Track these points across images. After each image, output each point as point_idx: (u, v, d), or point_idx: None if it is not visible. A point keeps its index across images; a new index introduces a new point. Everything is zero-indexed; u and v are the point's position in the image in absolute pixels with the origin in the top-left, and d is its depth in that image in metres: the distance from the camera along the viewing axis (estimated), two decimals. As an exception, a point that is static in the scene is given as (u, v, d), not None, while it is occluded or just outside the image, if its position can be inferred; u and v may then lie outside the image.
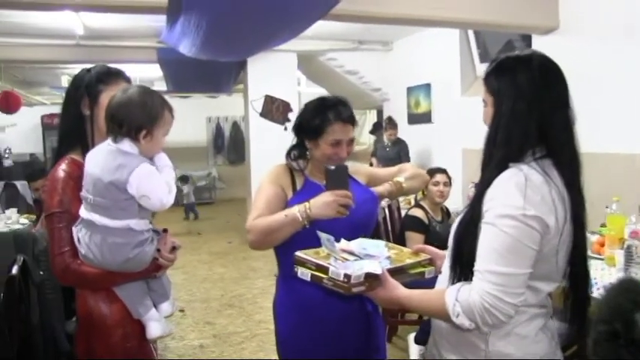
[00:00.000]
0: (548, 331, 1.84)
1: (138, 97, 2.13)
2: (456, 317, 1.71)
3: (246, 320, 6.12)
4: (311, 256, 2.06)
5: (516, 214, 1.65)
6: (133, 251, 2.14)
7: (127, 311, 2.24)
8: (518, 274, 1.66)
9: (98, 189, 2.09)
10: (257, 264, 8.45)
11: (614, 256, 3.58)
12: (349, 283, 1.85)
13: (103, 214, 2.10)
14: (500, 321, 1.66)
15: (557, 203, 1.70)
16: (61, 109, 2.41)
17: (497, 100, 1.80)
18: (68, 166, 2.22)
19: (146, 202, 2.12)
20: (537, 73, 1.77)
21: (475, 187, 1.88)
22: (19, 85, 11.87)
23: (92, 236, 2.11)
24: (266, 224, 2.36)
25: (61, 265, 2.14)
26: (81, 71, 2.40)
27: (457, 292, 1.72)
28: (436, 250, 2.19)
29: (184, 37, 5.95)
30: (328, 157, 2.45)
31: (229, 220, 12.81)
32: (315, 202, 2.28)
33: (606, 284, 3.25)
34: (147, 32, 8.24)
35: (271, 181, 2.53)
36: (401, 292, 1.90)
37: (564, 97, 1.79)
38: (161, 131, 2.17)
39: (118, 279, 2.20)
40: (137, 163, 2.10)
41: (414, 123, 9.24)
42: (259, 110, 9.27)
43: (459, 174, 6.06)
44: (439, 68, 8.42)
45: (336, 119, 2.44)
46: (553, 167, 1.75)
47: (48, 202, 2.17)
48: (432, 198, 4.94)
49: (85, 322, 2.22)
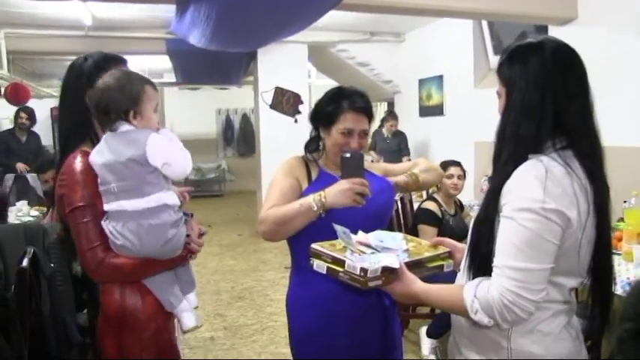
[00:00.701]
0: (572, 329, 1.78)
1: (114, 82, 2.10)
2: (475, 314, 1.67)
3: (257, 312, 6.10)
4: (327, 248, 2.02)
5: (536, 207, 1.59)
6: (170, 231, 2.11)
7: (158, 305, 2.21)
8: (538, 269, 1.61)
9: (118, 173, 2.05)
10: (267, 256, 8.44)
11: (632, 251, 3.54)
12: (365, 277, 1.81)
13: (131, 196, 2.06)
14: (520, 318, 1.62)
15: (579, 196, 1.64)
16: (61, 101, 2.37)
17: (509, 90, 1.75)
18: (84, 158, 2.15)
19: (168, 170, 2.09)
20: (550, 59, 1.70)
21: (489, 181, 1.83)
22: (29, 77, 11.86)
23: (126, 225, 2.07)
24: (280, 214, 2.31)
25: (94, 261, 2.09)
26: (77, 60, 2.35)
27: (476, 289, 1.68)
28: (455, 242, 2.15)
29: (194, 28, 5.93)
30: (340, 147, 2.42)
31: (239, 213, 12.81)
32: (331, 190, 2.23)
33: (623, 280, 3.22)
34: (156, 23, 8.23)
35: (286, 172, 2.49)
36: (419, 287, 1.86)
37: (582, 83, 1.73)
38: (148, 107, 2.14)
39: (155, 268, 2.17)
40: (147, 134, 2.08)
41: (425, 115, 9.19)
42: (269, 102, 9.25)
43: (471, 167, 6.01)
44: (452, 60, 8.37)
45: (349, 107, 2.41)
46: (574, 158, 1.69)
47: (70, 196, 2.11)
48: (446, 191, 4.89)
49: (115, 317, 2.18)
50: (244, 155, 16.91)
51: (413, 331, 5.12)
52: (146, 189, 2.07)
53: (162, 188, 2.11)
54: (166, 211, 2.12)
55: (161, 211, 2.10)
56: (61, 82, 8.39)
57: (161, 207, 2.10)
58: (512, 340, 1.72)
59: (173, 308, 2.24)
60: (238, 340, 5.33)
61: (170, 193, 2.15)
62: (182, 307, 2.27)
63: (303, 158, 2.57)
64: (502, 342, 1.73)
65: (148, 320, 2.18)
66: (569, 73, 1.71)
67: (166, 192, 2.13)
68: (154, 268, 2.17)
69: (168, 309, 2.23)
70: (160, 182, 2.11)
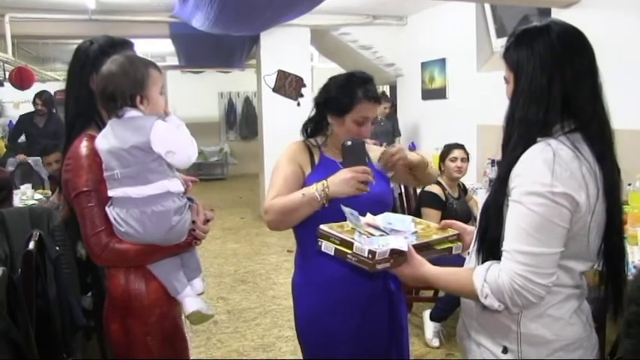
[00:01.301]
0: (582, 314, 1.78)
1: (118, 67, 2.10)
2: (485, 298, 1.67)
3: (260, 296, 6.12)
4: (335, 230, 2.01)
5: (543, 191, 1.59)
6: (174, 218, 2.12)
7: (163, 290, 2.23)
8: (548, 253, 1.61)
9: (122, 159, 2.06)
10: (270, 240, 8.44)
11: (637, 234, 3.54)
12: (374, 260, 1.81)
13: (135, 183, 2.07)
14: (530, 302, 1.62)
15: (587, 179, 1.63)
16: (68, 85, 2.37)
17: (517, 74, 1.74)
18: (90, 143, 2.16)
19: (173, 158, 2.10)
20: (557, 41, 1.69)
21: (496, 165, 1.83)
22: (33, 61, 11.84)
23: (129, 211, 2.08)
24: (284, 204, 2.32)
25: (98, 245, 2.10)
26: (83, 44, 2.34)
27: (486, 273, 1.68)
28: (464, 225, 2.15)
29: (198, 11, 5.93)
30: (352, 135, 2.42)
31: (242, 196, 12.80)
32: (333, 180, 2.24)
33: (629, 263, 3.22)
34: (159, 7, 8.20)
35: (288, 159, 2.49)
36: (427, 270, 1.86)
37: (590, 65, 1.72)
38: (154, 91, 2.14)
39: (159, 254, 2.18)
40: (152, 121, 2.07)
41: (428, 99, 9.16)
42: (272, 85, 9.24)
43: (473, 150, 5.99)
44: (454, 43, 8.32)
45: (365, 97, 2.41)
46: (583, 141, 1.69)
47: (75, 181, 2.12)
48: (450, 174, 4.89)
49: (120, 302, 2.20)
50: (247, 138, 16.89)
51: (416, 314, 5.13)
52: (149, 176, 2.08)
53: (167, 176, 2.12)
54: (170, 198, 2.12)
55: (164, 199, 2.10)
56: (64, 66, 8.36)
57: (164, 194, 2.11)
58: (522, 324, 1.72)
59: (177, 294, 2.25)
60: (242, 324, 5.36)
61: (175, 181, 2.15)
62: (185, 292, 2.27)
63: (305, 143, 2.57)
64: (512, 326, 1.74)
65: (153, 305, 2.20)
66: (576, 56, 1.70)
67: (170, 180, 2.13)
68: (158, 254, 2.18)
69: (172, 294, 2.25)
70: (163, 170, 2.11)
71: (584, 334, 1.76)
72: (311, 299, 2.50)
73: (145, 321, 2.19)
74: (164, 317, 2.24)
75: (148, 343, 2.20)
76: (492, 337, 1.80)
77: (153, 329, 2.20)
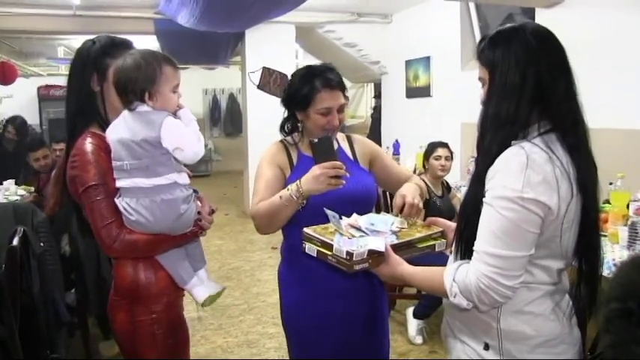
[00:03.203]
0: (560, 310, 1.79)
1: (132, 61, 2.14)
2: (454, 297, 1.72)
3: (244, 293, 6.13)
4: (318, 232, 2.08)
5: (513, 196, 1.62)
6: (182, 206, 2.18)
7: (170, 280, 2.28)
8: (515, 256, 1.64)
9: (132, 151, 2.10)
10: (255, 237, 8.43)
11: (618, 232, 3.58)
12: (351, 261, 1.87)
13: (144, 175, 2.12)
14: (497, 301, 1.66)
15: (560, 181, 1.65)
16: (69, 84, 2.37)
17: (492, 73, 1.75)
18: (94, 139, 2.21)
19: (180, 154, 2.15)
20: (532, 39, 1.71)
21: (474, 164, 1.85)
22: (16, 56, 11.77)
23: (139, 200, 2.13)
24: (266, 209, 2.36)
25: (110, 237, 2.14)
26: (85, 44, 2.37)
27: (455, 272, 1.73)
28: (448, 222, 2.19)
29: (183, 8, 5.92)
30: (321, 127, 2.44)
31: (226, 193, 12.81)
32: (306, 178, 2.26)
33: (609, 261, 3.26)
34: (144, 3, 8.18)
35: (268, 163, 2.52)
36: (404, 269, 1.92)
37: (563, 64, 1.74)
38: (166, 87, 2.17)
39: (168, 243, 2.24)
40: (163, 117, 2.12)
41: (412, 97, 9.18)
42: (257, 82, 9.22)
43: (458, 148, 6.02)
44: (439, 42, 8.35)
45: (323, 87, 2.41)
46: (557, 141, 1.70)
47: (83, 176, 2.15)
48: (434, 172, 4.93)
49: (128, 291, 2.24)
50: (231, 135, 16.93)
51: (400, 311, 5.16)
52: (159, 169, 2.13)
53: (174, 170, 2.17)
54: (177, 187, 2.18)
55: (173, 188, 2.16)
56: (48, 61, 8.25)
57: (172, 184, 2.16)
58: (502, 320, 1.75)
59: (185, 284, 2.31)
60: (226, 320, 5.37)
61: (182, 174, 2.22)
62: (192, 282, 2.33)
63: (284, 143, 2.58)
64: (492, 323, 1.76)
65: (161, 294, 2.25)
66: (551, 53, 1.73)
67: (179, 173, 2.19)
68: (167, 244, 2.24)
69: (180, 284, 2.30)
70: (172, 164, 2.16)
71: (565, 329, 1.78)
72: (296, 289, 2.55)
73: (153, 309, 2.23)
74: (170, 306, 2.29)
75: (155, 332, 2.24)
76: (474, 334, 1.83)
77: (159, 318, 2.24)
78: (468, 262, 1.71)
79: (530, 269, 1.71)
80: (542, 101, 1.70)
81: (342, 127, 2.56)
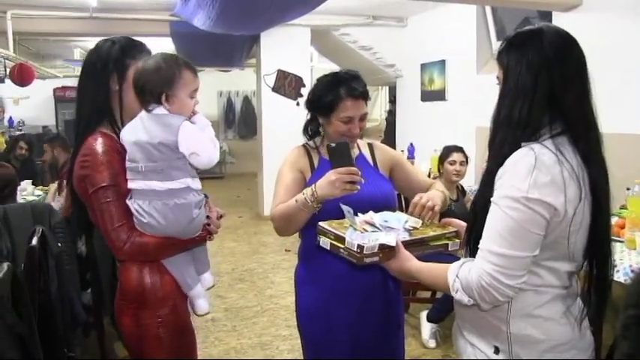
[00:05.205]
0: (571, 315, 1.79)
1: (152, 63, 2.16)
2: (456, 293, 1.74)
3: (258, 295, 6.13)
4: (332, 226, 2.14)
5: (518, 196, 1.63)
6: (194, 211, 2.19)
7: (175, 284, 2.27)
8: (519, 256, 1.65)
9: (148, 153, 2.11)
10: (268, 239, 8.47)
11: (635, 238, 3.55)
12: (362, 254, 1.94)
13: (159, 178, 2.12)
14: (498, 300, 1.68)
15: (568, 184, 1.65)
16: (84, 82, 2.35)
17: (506, 74, 1.77)
18: (106, 140, 2.20)
19: (195, 160, 2.15)
20: (547, 44, 1.71)
21: (485, 163, 1.85)
22: (33, 57, 11.83)
23: (152, 203, 2.13)
24: (283, 212, 2.40)
25: (120, 239, 2.14)
26: (104, 44, 2.35)
27: (459, 269, 1.75)
28: (463, 223, 2.19)
29: (199, 10, 5.94)
30: (341, 134, 2.45)
31: (240, 195, 12.83)
32: (321, 183, 2.27)
33: (626, 267, 3.23)
34: (160, 5, 8.23)
35: (289, 167, 2.55)
36: (412, 265, 1.95)
37: (579, 69, 1.74)
38: (183, 92, 2.17)
39: (177, 247, 2.24)
40: (180, 121, 2.13)
41: (427, 100, 9.18)
42: (272, 85, 9.26)
43: (472, 153, 6.00)
44: (455, 45, 8.34)
45: (347, 95, 2.43)
46: (568, 144, 1.71)
47: (94, 176, 2.14)
48: (449, 177, 4.91)
49: (134, 295, 2.23)
50: (245, 137, 16.98)
51: (413, 315, 5.15)
52: (173, 173, 2.14)
53: (188, 175, 2.18)
54: (191, 192, 2.18)
55: (186, 192, 2.17)
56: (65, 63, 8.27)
57: (185, 188, 2.17)
58: (511, 324, 1.75)
59: (189, 289, 2.32)
60: (239, 322, 5.37)
61: (196, 180, 2.22)
62: (197, 292, 2.35)
63: (305, 147, 2.61)
64: (501, 326, 1.77)
65: (167, 297, 2.24)
66: (566, 59, 1.72)
67: (192, 179, 2.20)
68: (176, 248, 2.24)
69: (185, 290, 2.31)
70: (187, 169, 2.17)
71: (576, 334, 1.77)
72: (312, 291, 2.56)
73: (158, 313, 2.23)
74: (176, 310, 2.28)
75: (161, 335, 2.24)
76: (484, 338, 1.83)
77: (165, 321, 2.24)
78: (473, 260, 1.73)
79: (537, 271, 1.72)
80: (554, 106, 1.71)
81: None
